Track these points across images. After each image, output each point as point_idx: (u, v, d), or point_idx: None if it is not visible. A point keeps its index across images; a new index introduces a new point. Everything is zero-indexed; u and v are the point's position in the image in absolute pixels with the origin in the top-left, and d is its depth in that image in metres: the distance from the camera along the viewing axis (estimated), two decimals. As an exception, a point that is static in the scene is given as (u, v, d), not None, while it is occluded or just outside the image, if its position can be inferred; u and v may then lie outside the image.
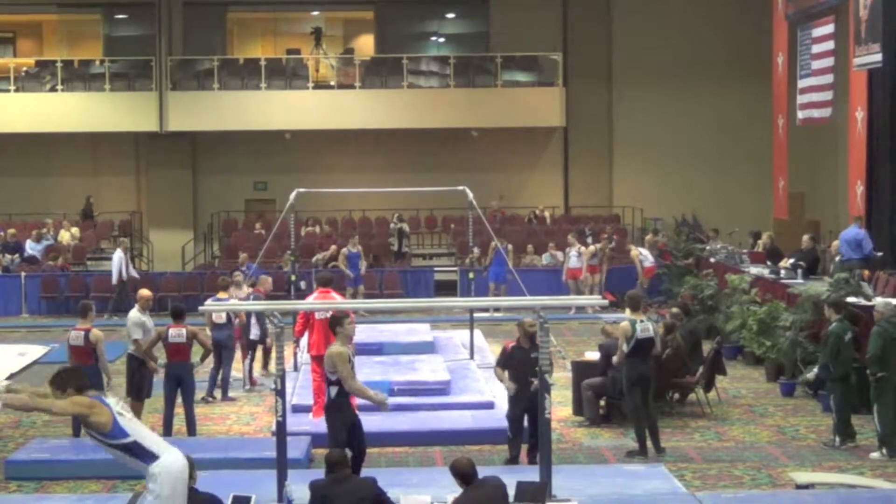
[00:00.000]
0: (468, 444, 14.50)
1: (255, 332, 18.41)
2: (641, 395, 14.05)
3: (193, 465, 9.39)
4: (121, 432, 8.98)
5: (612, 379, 15.31)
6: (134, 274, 27.56)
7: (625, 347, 14.01)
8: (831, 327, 14.67)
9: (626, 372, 14.11)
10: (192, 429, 15.10)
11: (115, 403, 9.13)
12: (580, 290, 26.64)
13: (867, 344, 14.29)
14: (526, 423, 13.55)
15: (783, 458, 14.03)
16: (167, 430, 14.94)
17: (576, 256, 27.22)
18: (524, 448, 13.71)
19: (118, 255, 27.22)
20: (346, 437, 11.80)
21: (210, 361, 17.14)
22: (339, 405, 11.95)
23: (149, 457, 8.99)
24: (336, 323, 12.29)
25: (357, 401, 12.36)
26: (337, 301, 16.54)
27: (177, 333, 15.23)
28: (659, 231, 30.40)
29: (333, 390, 11.89)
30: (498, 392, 15.98)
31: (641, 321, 14.09)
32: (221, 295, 18.15)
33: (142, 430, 9.16)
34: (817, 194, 31.64)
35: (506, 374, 13.73)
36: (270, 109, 32.24)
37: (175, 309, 15.78)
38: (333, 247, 28.41)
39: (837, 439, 14.45)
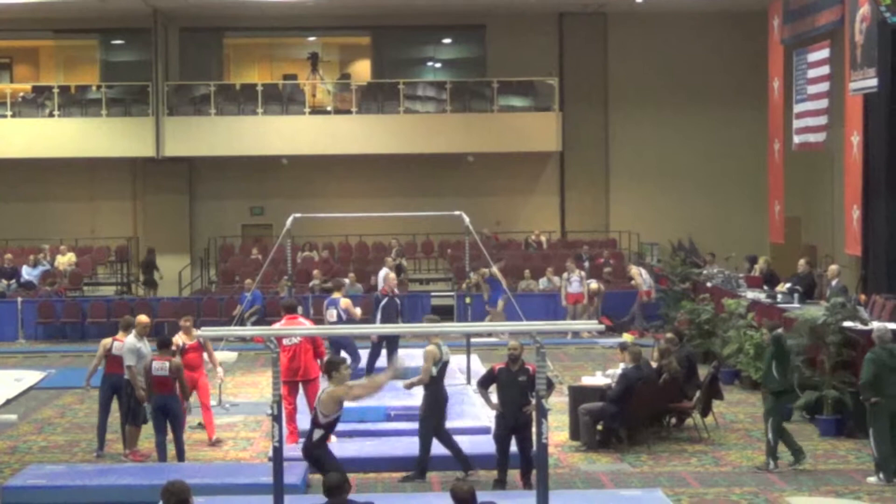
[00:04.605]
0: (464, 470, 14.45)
1: None
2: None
3: (189, 491, 9.34)
4: None
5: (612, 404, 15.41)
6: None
7: (434, 371, 14.08)
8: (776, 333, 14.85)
9: (434, 394, 14.14)
10: (181, 456, 14.85)
11: None
12: (579, 315, 26.66)
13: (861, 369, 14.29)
14: (515, 447, 13.61)
15: (780, 482, 14.02)
16: (162, 457, 14.84)
17: (577, 281, 27.19)
18: (515, 472, 13.71)
19: (385, 274, 24.08)
20: (338, 461, 11.77)
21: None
22: (320, 445, 11.89)
23: None
24: (332, 368, 12.15)
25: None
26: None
27: (160, 367, 14.59)
28: (645, 260, 30.47)
29: (317, 434, 11.80)
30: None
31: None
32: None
33: None
34: (813, 219, 31.65)
35: (493, 394, 13.85)
36: (267, 135, 32.23)
37: (161, 339, 15.17)
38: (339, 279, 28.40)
39: (772, 462, 14.49)
